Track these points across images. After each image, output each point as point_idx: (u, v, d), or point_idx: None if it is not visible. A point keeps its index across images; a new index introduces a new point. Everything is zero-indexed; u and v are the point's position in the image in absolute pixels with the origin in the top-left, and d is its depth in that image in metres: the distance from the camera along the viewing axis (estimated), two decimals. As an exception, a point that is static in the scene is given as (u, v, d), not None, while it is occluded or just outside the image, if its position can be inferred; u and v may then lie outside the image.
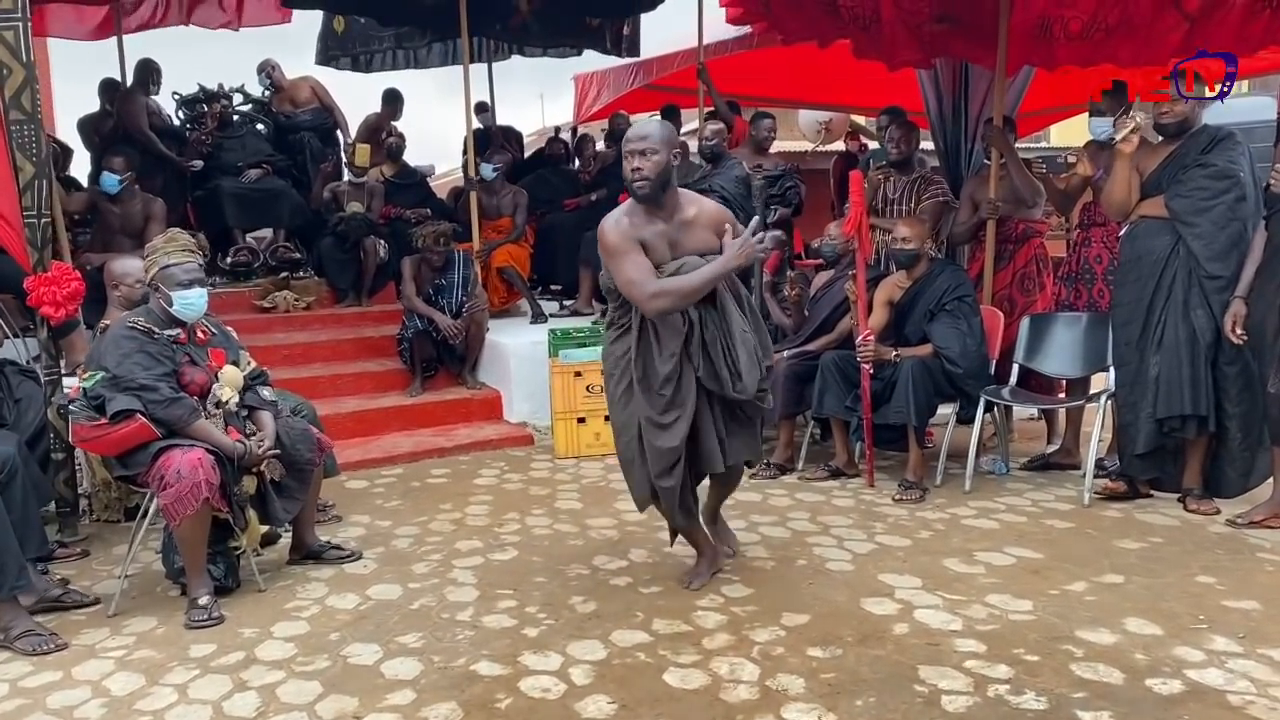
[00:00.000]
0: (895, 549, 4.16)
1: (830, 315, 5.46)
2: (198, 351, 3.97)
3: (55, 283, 4.54)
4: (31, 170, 4.40)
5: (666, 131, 3.56)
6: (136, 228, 6.46)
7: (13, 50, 4.29)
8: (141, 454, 3.72)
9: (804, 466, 5.40)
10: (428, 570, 4.11)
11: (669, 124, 3.72)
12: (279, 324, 7.42)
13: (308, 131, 8.76)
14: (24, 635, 3.48)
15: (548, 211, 8.45)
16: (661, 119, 6.09)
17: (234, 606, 3.78)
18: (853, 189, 4.85)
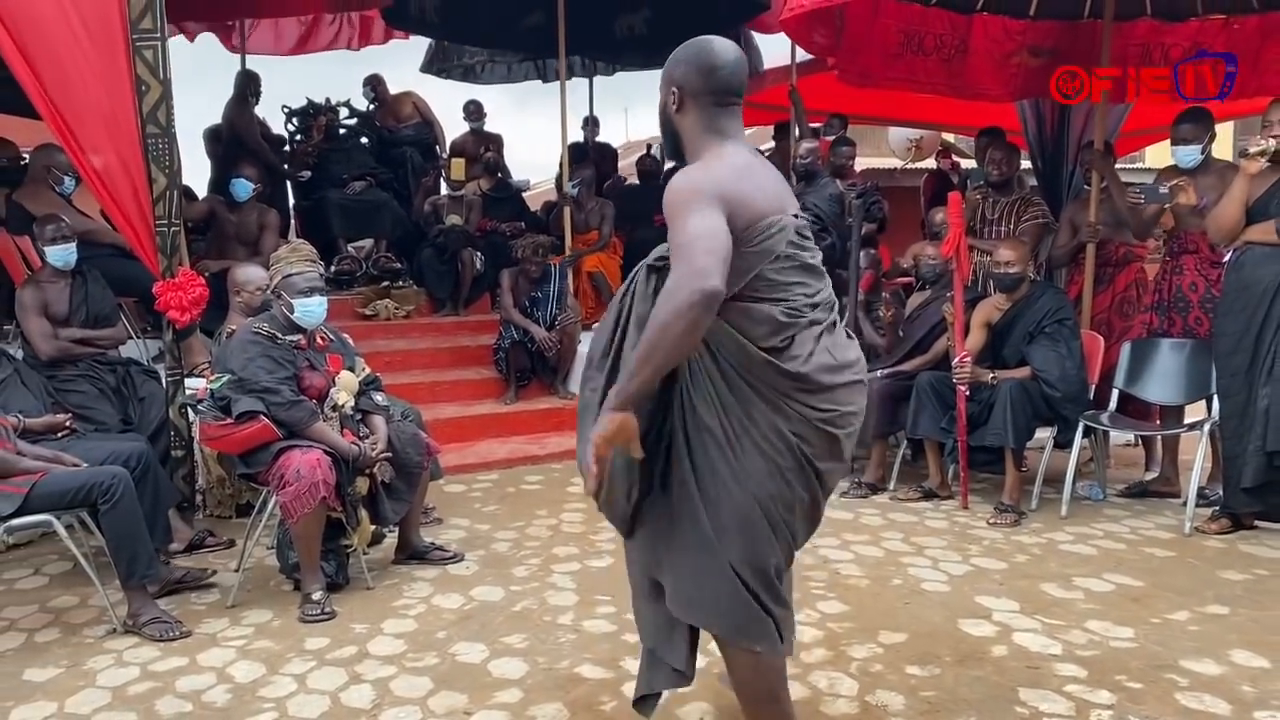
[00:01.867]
0: (991, 572, 4.16)
1: (926, 336, 5.47)
2: (317, 357, 4.16)
3: (182, 288, 4.79)
4: (164, 181, 4.64)
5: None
6: (252, 236, 6.73)
7: (151, 68, 4.54)
8: (263, 453, 3.91)
9: (896, 486, 5.40)
10: (527, 574, 4.23)
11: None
12: (380, 331, 7.65)
13: (409, 146, 9.03)
14: (152, 622, 3.67)
15: (636, 226, 8.56)
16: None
17: (344, 603, 3.94)
18: (951, 210, 4.86)
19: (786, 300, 2.16)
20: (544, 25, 7.59)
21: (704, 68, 2.26)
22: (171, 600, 4.02)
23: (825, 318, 2.23)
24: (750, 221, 2.11)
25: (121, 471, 3.71)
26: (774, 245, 2.15)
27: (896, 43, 6.18)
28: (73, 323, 5.00)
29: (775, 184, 2.27)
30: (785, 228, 2.19)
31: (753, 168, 2.23)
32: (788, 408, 2.15)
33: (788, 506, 2.18)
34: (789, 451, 2.16)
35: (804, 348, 2.16)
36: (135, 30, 4.52)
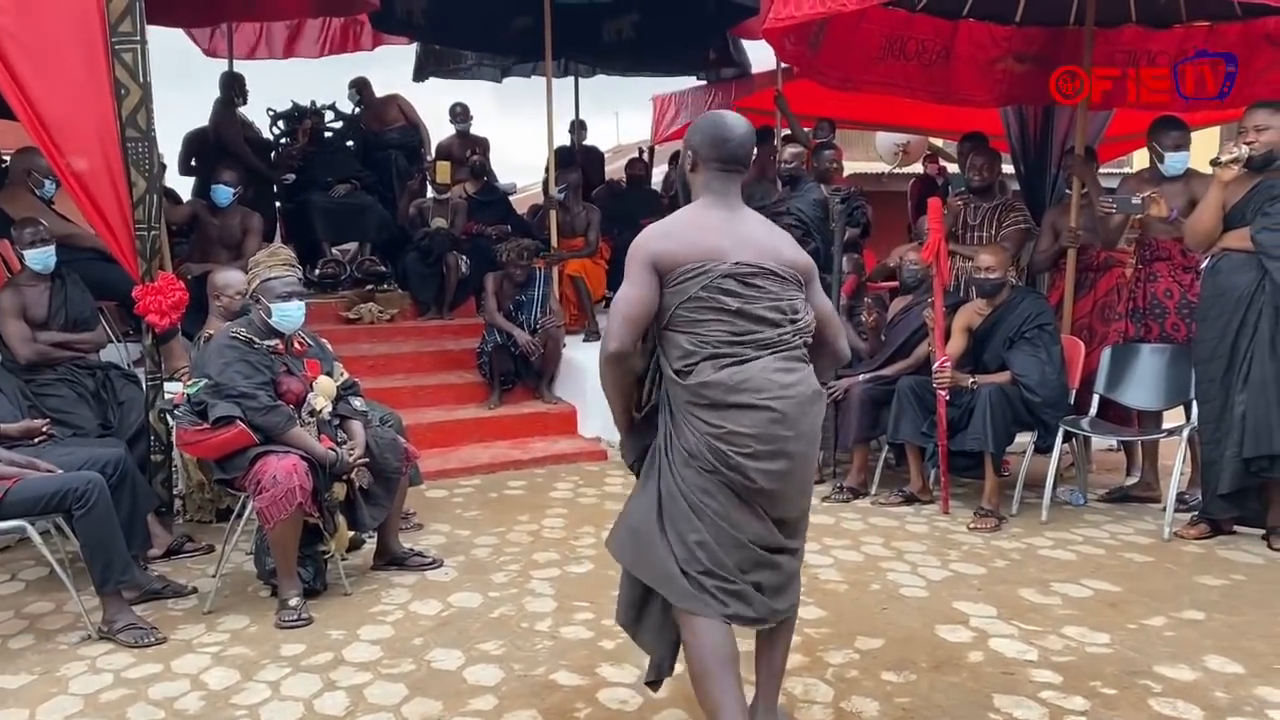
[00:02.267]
0: (970, 577, 4.16)
1: (907, 340, 5.48)
2: (294, 362, 4.15)
3: (161, 292, 4.76)
4: (144, 185, 4.62)
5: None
6: (235, 239, 6.71)
7: (131, 71, 4.52)
8: (240, 458, 3.90)
9: (877, 491, 5.41)
10: (506, 580, 4.22)
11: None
12: (363, 335, 7.63)
13: (395, 149, 9.01)
14: (127, 628, 3.65)
15: (623, 230, 8.55)
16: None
17: (322, 609, 3.92)
18: (931, 216, 4.87)
19: (697, 334, 2.53)
20: (532, 28, 7.58)
21: (716, 140, 2.64)
22: (148, 606, 4.00)
23: (751, 354, 2.53)
24: (672, 268, 2.53)
25: (96, 477, 3.69)
26: (688, 288, 2.52)
27: (878, 46, 6.18)
28: (51, 326, 4.98)
29: (723, 236, 2.57)
30: (706, 273, 2.52)
31: (704, 219, 2.62)
32: (691, 418, 2.54)
33: (705, 492, 2.52)
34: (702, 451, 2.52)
35: (704, 373, 2.51)
36: (114, 33, 4.49)
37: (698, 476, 2.53)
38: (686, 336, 2.54)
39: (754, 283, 2.55)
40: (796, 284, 2.63)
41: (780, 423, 2.50)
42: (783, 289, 2.58)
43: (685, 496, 2.55)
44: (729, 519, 2.53)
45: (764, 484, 2.50)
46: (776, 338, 2.56)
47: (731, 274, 2.53)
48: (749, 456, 2.49)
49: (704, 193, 2.66)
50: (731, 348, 2.52)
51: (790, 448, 2.52)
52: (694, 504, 2.54)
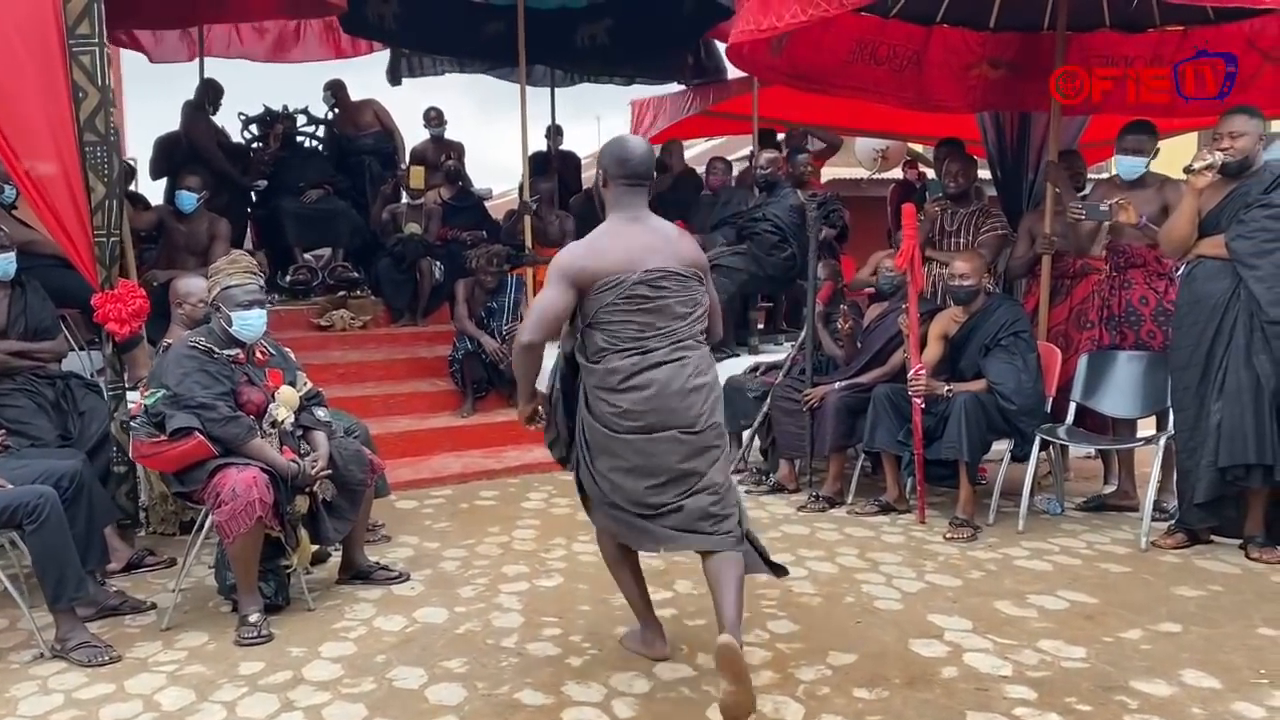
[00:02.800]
0: (945, 589, 4.10)
1: (883, 348, 5.42)
2: (255, 372, 4.05)
3: (121, 300, 4.66)
4: (103, 190, 4.52)
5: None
6: (202, 246, 6.59)
7: (89, 74, 4.42)
8: (198, 471, 3.80)
9: (853, 500, 5.35)
10: (474, 594, 4.13)
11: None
12: (335, 342, 7.53)
13: (368, 155, 8.90)
14: (80, 646, 3.55)
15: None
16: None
17: (283, 625, 3.82)
18: (905, 222, 4.82)
19: (610, 331, 3.07)
20: (505, 33, 7.51)
21: (621, 159, 3.15)
22: (105, 623, 3.90)
23: (653, 345, 3.06)
24: (593, 279, 3.05)
25: (48, 491, 3.58)
26: (605, 297, 3.05)
27: (848, 50, 6.11)
28: (10, 335, 4.85)
29: (634, 248, 3.08)
30: (622, 283, 3.04)
31: (619, 235, 3.12)
32: (599, 398, 3.11)
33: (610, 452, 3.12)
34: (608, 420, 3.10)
35: (611, 362, 3.07)
36: (72, 36, 4.40)
37: (605, 439, 3.12)
38: (602, 334, 3.08)
39: (662, 284, 3.07)
40: (697, 280, 3.16)
41: (659, 398, 3.04)
42: (684, 286, 3.12)
43: (598, 451, 3.17)
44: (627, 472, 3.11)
45: (652, 449, 3.06)
46: (679, 329, 3.10)
47: (642, 280, 3.05)
48: (641, 430, 3.06)
49: (614, 206, 3.17)
50: (637, 341, 3.06)
51: (674, 420, 3.06)
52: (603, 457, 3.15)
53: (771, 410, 5.67)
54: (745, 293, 6.82)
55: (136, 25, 7.96)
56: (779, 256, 6.70)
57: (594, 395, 3.13)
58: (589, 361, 3.13)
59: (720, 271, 6.64)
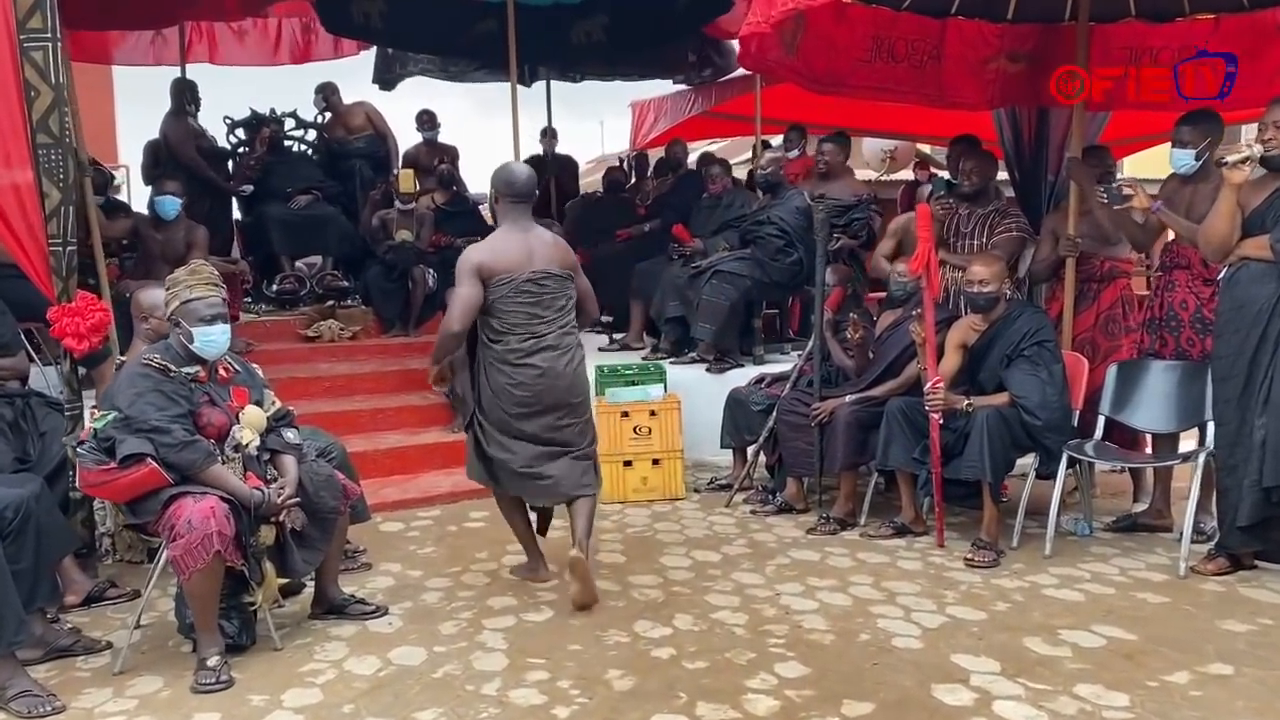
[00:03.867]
0: (969, 623, 3.76)
1: (897, 359, 5.08)
2: (218, 391, 3.73)
3: (79, 313, 4.34)
4: (58, 196, 4.20)
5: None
6: (178, 255, 6.27)
7: (41, 72, 4.11)
8: (152, 501, 3.48)
9: (866, 521, 5.00)
10: (456, 631, 3.80)
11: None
12: (323, 354, 7.23)
13: (359, 159, 8.60)
14: (20, 696, 3.24)
15: (600, 241, 8.17)
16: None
17: (247, 667, 3.51)
18: (920, 224, 4.49)
19: (504, 318, 3.95)
20: (496, 32, 7.18)
21: (508, 183, 4.07)
22: (54, 665, 3.59)
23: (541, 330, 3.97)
24: (492, 275, 3.92)
25: (-17, 526, 3.26)
26: (500, 289, 3.93)
27: (865, 49, 5.79)
28: (-34, 351, 4.56)
29: (522, 252, 3.97)
30: (513, 280, 3.93)
31: (510, 241, 4.01)
32: (494, 371, 3.99)
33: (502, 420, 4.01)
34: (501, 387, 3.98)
35: (508, 343, 3.95)
36: (23, 30, 4.08)
37: (497, 410, 3.99)
38: (498, 320, 3.96)
39: (543, 283, 3.98)
40: (569, 278, 4.08)
41: (547, 377, 3.97)
42: (560, 284, 4.04)
43: (491, 420, 4.03)
44: (515, 436, 4.01)
45: (536, 416, 3.99)
46: (558, 318, 4.02)
47: (529, 279, 3.94)
48: (528, 399, 3.97)
49: (505, 218, 4.08)
50: (526, 327, 3.95)
51: (554, 396, 4.00)
52: (495, 425, 4.02)
53: (778, 425, 5.33)
54: (749, 299, 6.48)
55: (112, 26, 7.65)
56: (784, 261, 6.37)
57: (493, 368, 3.99)
58: (490, 341, 3.99)
59: (722, 278, 6.34)
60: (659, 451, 5.59)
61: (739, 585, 4.21)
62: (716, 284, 6.33)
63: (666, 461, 5.61)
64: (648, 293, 7.02)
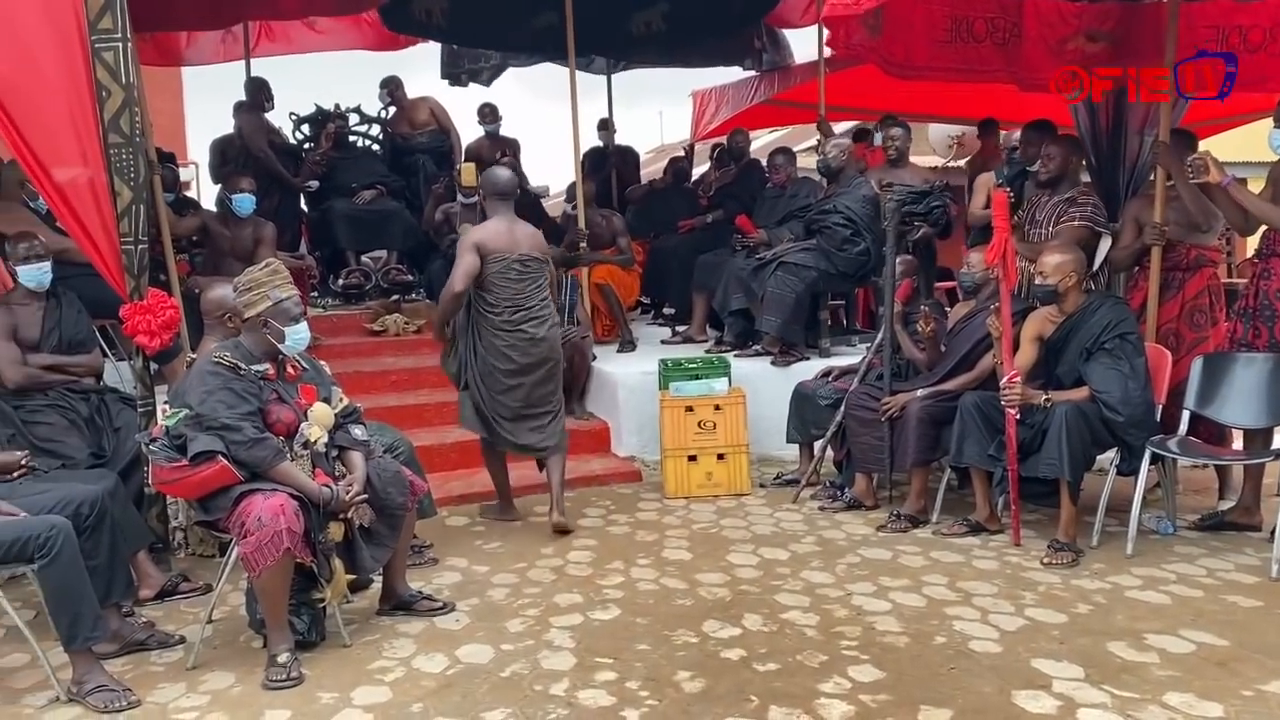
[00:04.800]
0: (1049, 626, 3.63)
1: (970, 351, 4.94)
2: (287, 388, 3.74)
3: (151, 311, 4.42)
4: (129, 195, 4.27)
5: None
6: (246, 251, 6.35)
7: (112, 72, 4.17)
8: (223, 498, 3.50)
9: (939, 519, 4.88)
10: (523, 629, 3.77)
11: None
12: (388, 348, 7.27)
13: (423, 154, 8.63)
14: (97, 690, 3.28)
15: (661, 233, 8.10)
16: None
17: (316, 663, 3.52)
18: (996, 212, 4.35)
19: (496, 292, 4.77)
20: (557, 25, 7.14)
21: (494, 184, 4.93)
22: (129, 660, 3.63)
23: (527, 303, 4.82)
24: (487, 254, 4.74)
25: (61, 523, 3.31)
26: (494, 266, 4.75)
27: (945, 29, 5.62)
28: (44, 348, 4.65)
29: (510, 238, 4.82)
30: (504, 260, 4.78)
31: (500, 228, 4.84)
32: (490, 336, 4.80)
33: (492, 377, 4.83)
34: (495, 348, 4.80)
35: (502, 314, 4.77)
36: (94, 31, 4.15)
37: (488, 370, 4.81)
38: (490, 294, 4.78)
39: (528, 265, 4.83)
40: (546, 261, 4.97)
41: (533, 342, 4.83)
42: (540, 266, 4.89)
43: (483, 379, 4.84)
44: (503, 392, 4.84)
45: (521, 375, 4.84)
46: (536, 291, 4.86)
47: (517, 260, 4.79)
48: (517, 358, 4.80)
49: (494, 212, 4.91)
50: (514, 299, 4.79)
51: (538, 355, 4.85)
52: (486, 383, 4.83)
53: (846, 419, 5.22)
54: (814, 291, 6.36)
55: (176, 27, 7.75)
56: (851, 251, 6.23)
57: (488, 332, 4.79)
58: (485, 312, 4.79)
59: (787, 269, 6.23)
60: (724, 446, 5.52)
61: (809, 584, 4.12)
62: (781, 276, 6.22)
63: (732, 456, 5.53)
64: (711, 285, 6.94)
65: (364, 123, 8.79)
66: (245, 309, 3.68)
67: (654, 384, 5.91)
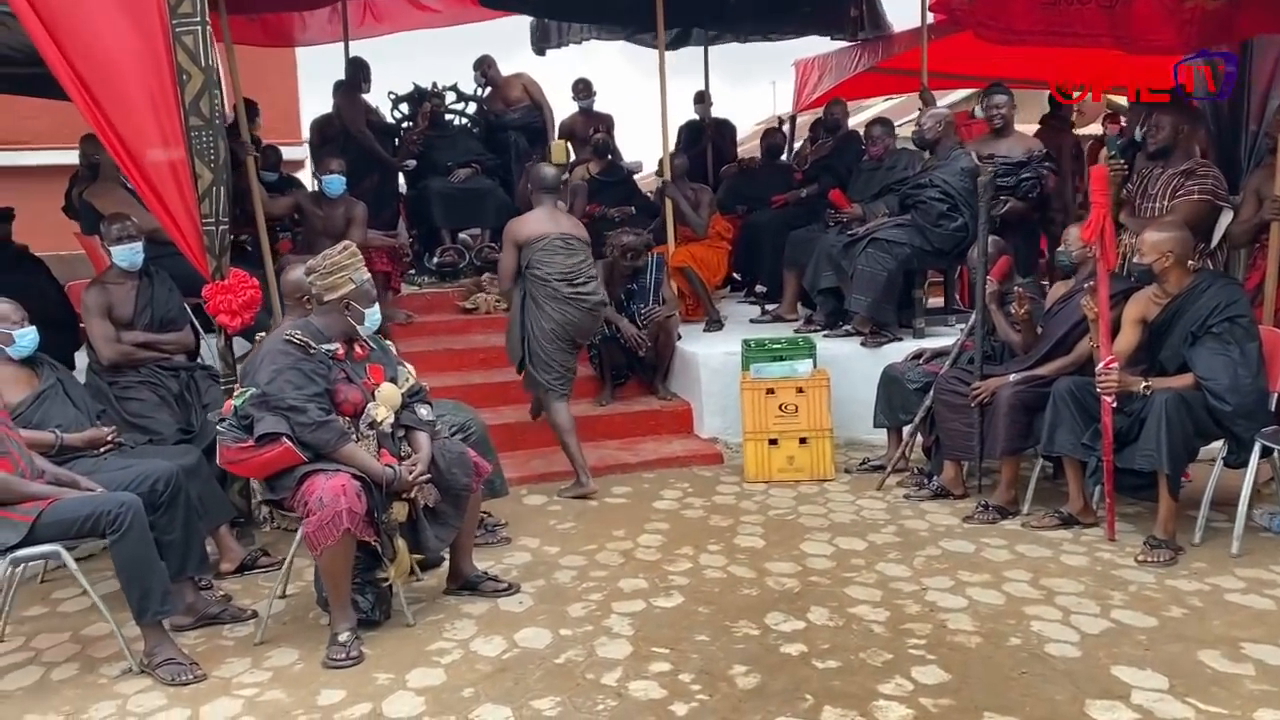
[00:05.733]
0: (1136, 630, 3.40)
1: (1067, 334, 4.67)
2: (355, 368, 3.76)
3: (231, 290, 4.52)
4: (210, 177, 4.37)
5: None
6: (338, 230, 6.44)
7: (192, 55, 4.25)
8: (287, 477, 3.56)
9: (1029, 510, 4.64)
10: (584, 614, 3.73)
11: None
12: (478, 325, 7.31)
13: (515, 130, 8.62)
14: (165, 663, 3.37)
15: (753, 208, 7.92)
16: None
17: (378, 643, 3.55)
18: (1094, 185, 4.07)
19: (546, 266, 5.12)
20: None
21: (539, 179, 5.33)
22: (202, 632, 3.74)
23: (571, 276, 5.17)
24: (528, 240, 5.14)
25: (131, 499, 3.40)
26: (536, 247, 5.12)
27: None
28: (137, 326, 4.81)
29: (551, 223, 5.20)
30: (547, 238, 5.14)
31: (540, 217, 5.22)
32: (545, 307, 5.15)
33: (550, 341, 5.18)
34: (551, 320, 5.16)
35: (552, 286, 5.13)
36: (174, 15, 4.24)
37: (545, 335, 5.15)
38: (540, 269, 5.11)
39: (570, 243, 5.18)
40: (588, 244, 5.31)
41: (584, 313, 5.22)
42: (584, 247, 5.25)
43: (541, 344, 5.16)
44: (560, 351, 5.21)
45: (574, 337, 5.26)
46: (586, 268, 5.24)
47: (558, 237, 5.14)
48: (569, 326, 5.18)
49: (537, 204, 5.27)
50: (564, 273, 5.13)
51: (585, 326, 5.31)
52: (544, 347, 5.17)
53: (935, 404, 5.00)
54: (908, 269, 6.11)
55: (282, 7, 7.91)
56: (948, 227, 5.96)
57: (545, 305, 5.14)
58: (539, 283, 5.12)
59: (879, 246, 6.01)
60: (806, 430, 5.36)
61: (882, 577, 3.97)
62: (873, 253, 6.00)
63: (814, 441, 5.37)
64: (802, 262, 6.74)
65: (460, 101, 8.82)
66: (326, 292, 3.69)
67: (737, 365, 5.78)
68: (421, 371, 4.00)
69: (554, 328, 5.13)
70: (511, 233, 5.19)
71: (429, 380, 6.29)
